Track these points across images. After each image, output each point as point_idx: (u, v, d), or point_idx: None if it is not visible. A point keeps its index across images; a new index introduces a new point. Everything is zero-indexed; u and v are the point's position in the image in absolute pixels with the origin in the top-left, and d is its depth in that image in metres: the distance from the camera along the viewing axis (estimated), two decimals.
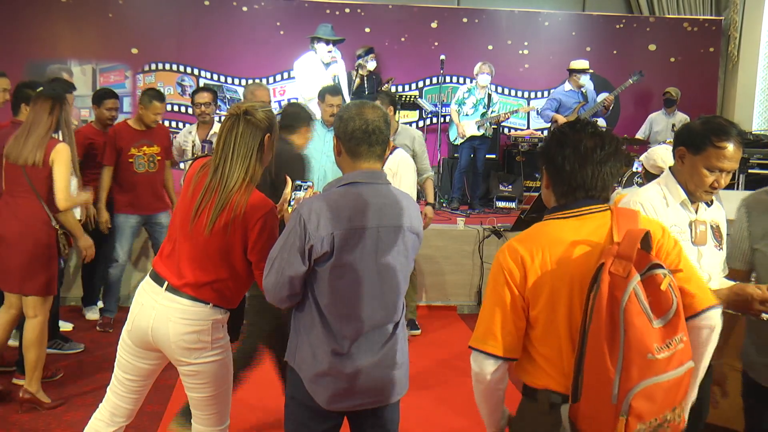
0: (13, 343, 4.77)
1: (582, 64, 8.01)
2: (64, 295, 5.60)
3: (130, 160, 5.46)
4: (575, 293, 1.93)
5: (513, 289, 1.99)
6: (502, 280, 2.00)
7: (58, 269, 4.17)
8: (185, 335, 2.59)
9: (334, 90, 5.46)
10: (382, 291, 2.35)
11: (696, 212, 2.45)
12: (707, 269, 2.43)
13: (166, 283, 2.61)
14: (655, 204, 2.40)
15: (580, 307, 1.90)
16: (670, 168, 2.50)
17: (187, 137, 5.88)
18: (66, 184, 4.00)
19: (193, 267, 2.58)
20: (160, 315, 2.61)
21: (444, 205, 8.10)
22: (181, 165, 5.87)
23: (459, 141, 7.86)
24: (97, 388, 4.31)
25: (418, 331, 5.61)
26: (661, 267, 1.83)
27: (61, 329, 5.18)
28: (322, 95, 5.37)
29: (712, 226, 2.48)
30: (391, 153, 5.07)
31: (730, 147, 2.32)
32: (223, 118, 2.73)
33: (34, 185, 4.01)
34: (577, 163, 1.96)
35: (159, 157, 5.57)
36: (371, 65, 8.04)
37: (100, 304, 5.72)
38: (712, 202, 2.51)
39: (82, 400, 4.20)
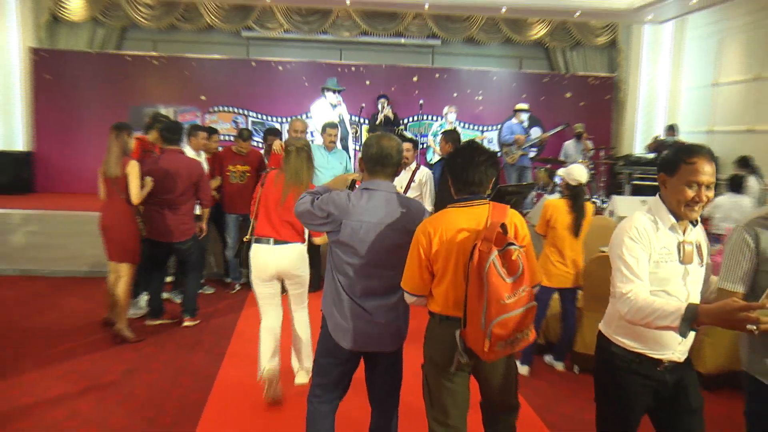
0: (168, 295, 5.07)
1: (525, 106, 8.18)
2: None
3: (227, 173, 5.60)
4: (459, 258, 2.08)
5: (421, 253, 2.12)
6: (416, 246, 2.14)
7: (141, 246, 4.30)
8: (294, 261, 3.36)
9: (333, 125, 5.54)
10: (377, 266, 2.25)
11: (684, 233, 1.98)
12: (690, 286, 1.97)
13: (271, 240, 3.32)
14: (648, 229, 1.95)
15: (461, 267, 2.07)
16: (659, 195, 2.02)
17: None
18: (136, 189, 4.13)
19: (286, 227, 3.32)
20: (277, 255, 3.32)
21: None
22: None
23: (434, 160, 7.80)
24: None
25: None
26: (513, 245, 1.98)
27: (204, 291, 5.52)
28: (323, 128, 5.49)
29: (696, 246, 2.00)
30: (418, 169, 5.20)
31: (701, 161, 1.89)
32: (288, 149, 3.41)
33: (120, 190, 4.15)
34: (465, 165, 2.14)
35: (249, 174, 5.60)
36: (380, 106, 8.10)
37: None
38: (697, 222, 2.02)
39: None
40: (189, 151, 5.05)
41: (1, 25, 8.60)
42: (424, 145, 8.29)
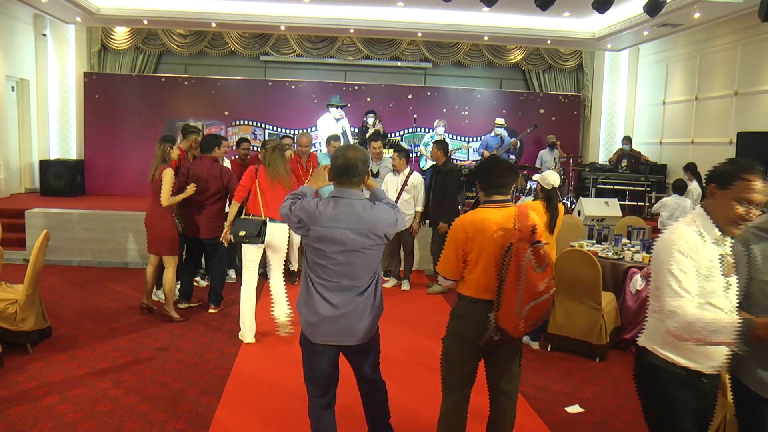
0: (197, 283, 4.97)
1: (501, 121, 8.24)
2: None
3: None
4: (490, 251, 2.08)
5: (458, 245, 2.12)
6: (453, 238, 2.14)
7: (179, 240, 4.26)
8: (282, 236, 3.84)
9: (336, 137, 5.55)
10: (344, 266, 2.11)
11: (725, 246, 1.71)
12: (732, 299, 1.70)
13: (268, 219, 3.79)
14: (696, 242, 1.65)
15: (492, 258, 2.07)
16: (702, 205, 1.73)
17: None
18: (166, 194, 4.08)
19: (275, 208, 3.61)
20: (272, 230, 3.80)
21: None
22: None
23: (426, 167, 7.57)
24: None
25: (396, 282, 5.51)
26: (540, 242, 2.01)
27: (228, 280, 5.22)
28: (328, 141, 5.52)
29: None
30: (411, 174, 5.18)
31: (757, 180, 1.61)
32: (266, 148, 3.94)
33: (158, 192, 4.12)
34: (492, 170, 2.19)
35: None
36: (370, 121, 7.95)
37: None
38: (735, 236, 1.74)
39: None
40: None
41: (63, 55, 9.03)
42: (418, 154, 8.21)
